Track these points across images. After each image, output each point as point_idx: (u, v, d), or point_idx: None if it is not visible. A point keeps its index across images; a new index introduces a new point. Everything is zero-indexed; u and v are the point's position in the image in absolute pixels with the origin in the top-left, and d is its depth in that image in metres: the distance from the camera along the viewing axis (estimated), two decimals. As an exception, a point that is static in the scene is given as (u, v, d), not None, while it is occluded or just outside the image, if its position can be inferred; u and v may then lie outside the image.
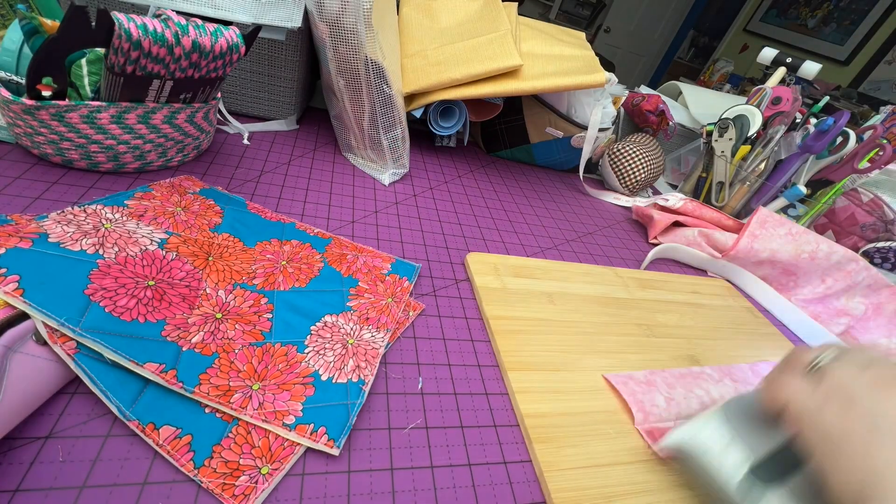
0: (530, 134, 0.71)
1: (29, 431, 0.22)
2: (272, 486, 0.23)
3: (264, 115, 0.59)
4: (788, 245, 0.55)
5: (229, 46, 0.39)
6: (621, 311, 0.45)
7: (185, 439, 0.23)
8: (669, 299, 0.50)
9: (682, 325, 0.46)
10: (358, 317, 0.33)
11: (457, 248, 0.47)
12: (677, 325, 0.46)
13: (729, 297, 0.55)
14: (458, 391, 0.31)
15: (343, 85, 0.51)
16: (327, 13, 0.46)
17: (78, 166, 0.39)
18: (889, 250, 0.63)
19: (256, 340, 0.28)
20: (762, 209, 0.58)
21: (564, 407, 0.32)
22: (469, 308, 0.39)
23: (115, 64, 0.34)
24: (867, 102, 2.46)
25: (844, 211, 0.69)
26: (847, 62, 2.68)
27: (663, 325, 0.45)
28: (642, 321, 0.44)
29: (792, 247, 0.55)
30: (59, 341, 0.23)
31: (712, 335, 0.46)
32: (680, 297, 0.51)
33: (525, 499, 0.26)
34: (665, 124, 0.74)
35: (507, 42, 0.59)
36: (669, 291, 0.51)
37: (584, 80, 0.59)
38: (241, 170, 0.48)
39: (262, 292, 0.32)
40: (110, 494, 0.21)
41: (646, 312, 0.46)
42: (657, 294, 0.50)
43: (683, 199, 0.63)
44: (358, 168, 0.56)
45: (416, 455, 0.27)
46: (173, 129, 0.41)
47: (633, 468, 0.30)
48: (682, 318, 0.47)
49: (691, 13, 3.52)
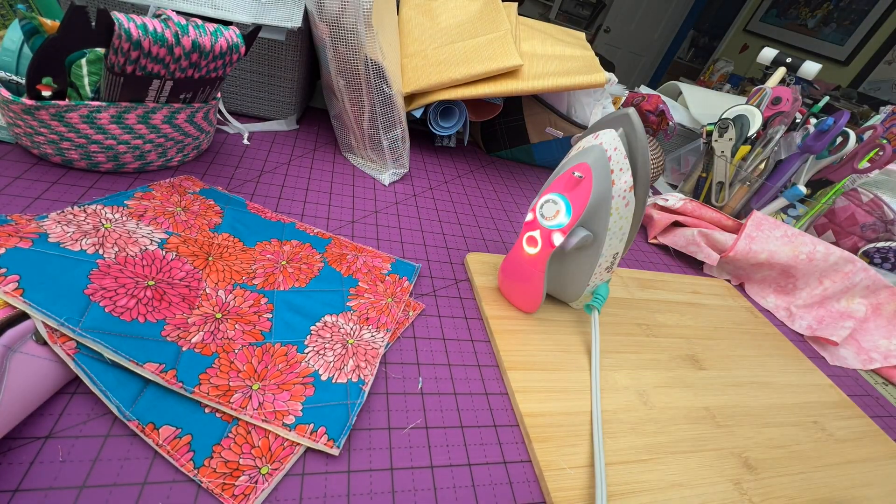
0: (530, 134, 0.71)
1: (29, 431, 0.22)
2: (272, 486, 0.23)
3: (264, 115, 0.59)
4: (785, 247, 0.55)
5: (229, 46, 0.39)
6: (621, 311, 0.45)
7: (184, 439, 0.23)
8: (669, 299, 0.50)
9: (682, 324, 0.46)
10: (358, 317, 0.33)
11: (457, 248, 0.47)
12: (677, 324, 0.46)
13: (729, 296, 0.55)
14: (458, 391, 0.31)
15: (343, 85, 0.51)
16: (327, 13, 0.46)
17: (78, 166, 0.39)
18: (889, 250, 0.63)
19: (256, 340, 0.28)
20: (756, 212, 0.58)
21: (564, 406, 0.32)
22: (469, 308, 0.39)
23: (115, 64, 0.34)
24: (867, 102, 2.46)
25: (844, 211, 0.69)
26: (847, 62, 2.69)
27: (663, 324, 0.45)
28: (642, 321, 0.44)
29: (789, 248, 0.55)
30: (59, 341, 0.23)
31: (712, 335, 0.47)
32: (680, 297, 0.51)
33: (525, 499, 0.26)
34: (665, 124, 0.74)
35: (507, 42, 0.59)
36: (670, 291, 0.51)
37: (584, 80, 0.59)
38: (241, 170, 0.48)
39: (261, 292, 0.32)
40: (110, 494, 0.21)
41: (645, 312, 0.46)
42: (657, 294, 0.50)
43: (683, 199, 0.63)
44: (358, 168, 0.56)
45: (416, 455, 0.27)
46: (173, 129, 0.41)
47: (631, 468, 0.30)
48: (681, 317, 0.47)
49: (691, 13, 3.52)
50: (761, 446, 0.35)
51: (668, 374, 0.39)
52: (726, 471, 0.32)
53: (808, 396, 0.42)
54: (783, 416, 0.39)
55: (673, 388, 0.38)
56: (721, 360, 0.43)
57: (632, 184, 0.33)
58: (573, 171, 0.33)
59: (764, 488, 0.32)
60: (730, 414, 0.37)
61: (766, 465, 0.33)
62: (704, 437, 0.34)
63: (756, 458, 0.34)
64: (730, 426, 0.36)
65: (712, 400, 0.38)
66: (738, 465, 0.33)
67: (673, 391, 0.37)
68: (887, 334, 0.53)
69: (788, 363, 0.47)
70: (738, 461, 0.33)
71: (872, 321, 0.54)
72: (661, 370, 0.39)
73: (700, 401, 0.37)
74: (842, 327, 0.53)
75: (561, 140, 0.70)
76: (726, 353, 0.45)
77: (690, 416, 0.36)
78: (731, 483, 0.31)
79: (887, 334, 0.53)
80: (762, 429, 0.37)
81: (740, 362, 0.44)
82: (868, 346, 0.52)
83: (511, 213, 0.58)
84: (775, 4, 3.10)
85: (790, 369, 0.46)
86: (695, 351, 0.43)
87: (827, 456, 0.36)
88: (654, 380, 0.38)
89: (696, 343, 0.44)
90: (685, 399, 0.37)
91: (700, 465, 0.32)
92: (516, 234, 0.54)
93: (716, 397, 0.38)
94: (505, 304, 0.40)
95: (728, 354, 0.45)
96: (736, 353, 0.45)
